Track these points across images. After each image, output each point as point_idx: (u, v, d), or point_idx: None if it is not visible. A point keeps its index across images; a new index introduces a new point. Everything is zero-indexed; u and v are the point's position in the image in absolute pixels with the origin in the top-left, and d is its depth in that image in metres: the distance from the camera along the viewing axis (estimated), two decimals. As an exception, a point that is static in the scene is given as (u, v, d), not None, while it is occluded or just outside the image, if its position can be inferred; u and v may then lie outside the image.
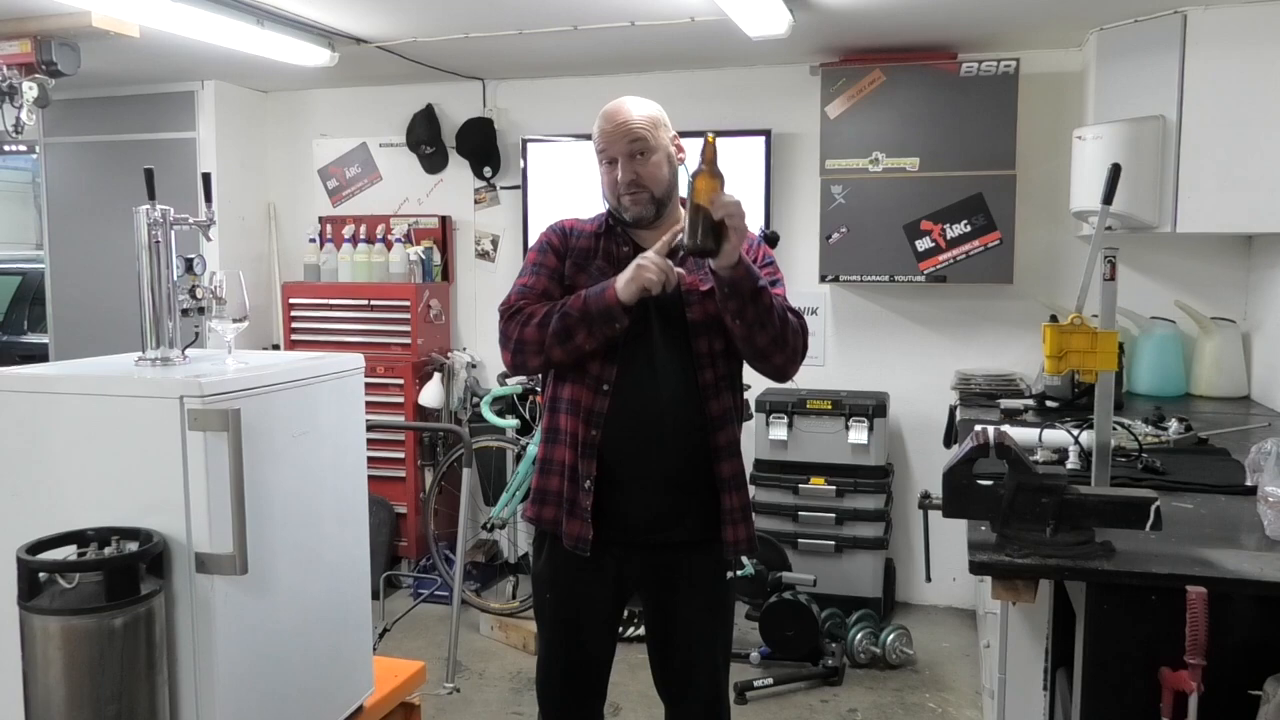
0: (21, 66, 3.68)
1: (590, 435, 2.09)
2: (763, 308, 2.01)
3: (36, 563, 1.62)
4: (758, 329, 2.03)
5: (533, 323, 2.07)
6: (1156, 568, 1.72)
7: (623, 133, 2.10)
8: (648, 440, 2.09)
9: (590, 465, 2.09)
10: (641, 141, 2.09)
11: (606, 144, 2.12)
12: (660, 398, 2.09)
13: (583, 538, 2.10)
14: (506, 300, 2.16)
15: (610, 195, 2.15)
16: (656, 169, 2.11)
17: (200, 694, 1.74)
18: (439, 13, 3.75)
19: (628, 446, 2.09)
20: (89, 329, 5.18)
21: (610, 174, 2.12)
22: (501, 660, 4.00)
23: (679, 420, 2.10)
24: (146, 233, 1.88)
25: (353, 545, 2.16)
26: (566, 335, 2.04)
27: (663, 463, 2.10)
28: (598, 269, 2.13)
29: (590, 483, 2.09)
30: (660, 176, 2.12)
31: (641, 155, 2.09)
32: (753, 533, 2.19)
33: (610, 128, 2.11)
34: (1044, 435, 2.62)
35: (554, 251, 2.19)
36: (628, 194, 2.10)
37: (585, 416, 2.10)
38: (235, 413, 1.69)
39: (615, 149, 2.10)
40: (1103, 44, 3.80)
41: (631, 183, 2.09)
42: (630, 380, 2.09)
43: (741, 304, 2.00)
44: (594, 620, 2.23)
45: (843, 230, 4.26)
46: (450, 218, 5.15)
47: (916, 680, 3.80)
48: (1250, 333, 3.96)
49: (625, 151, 2.09)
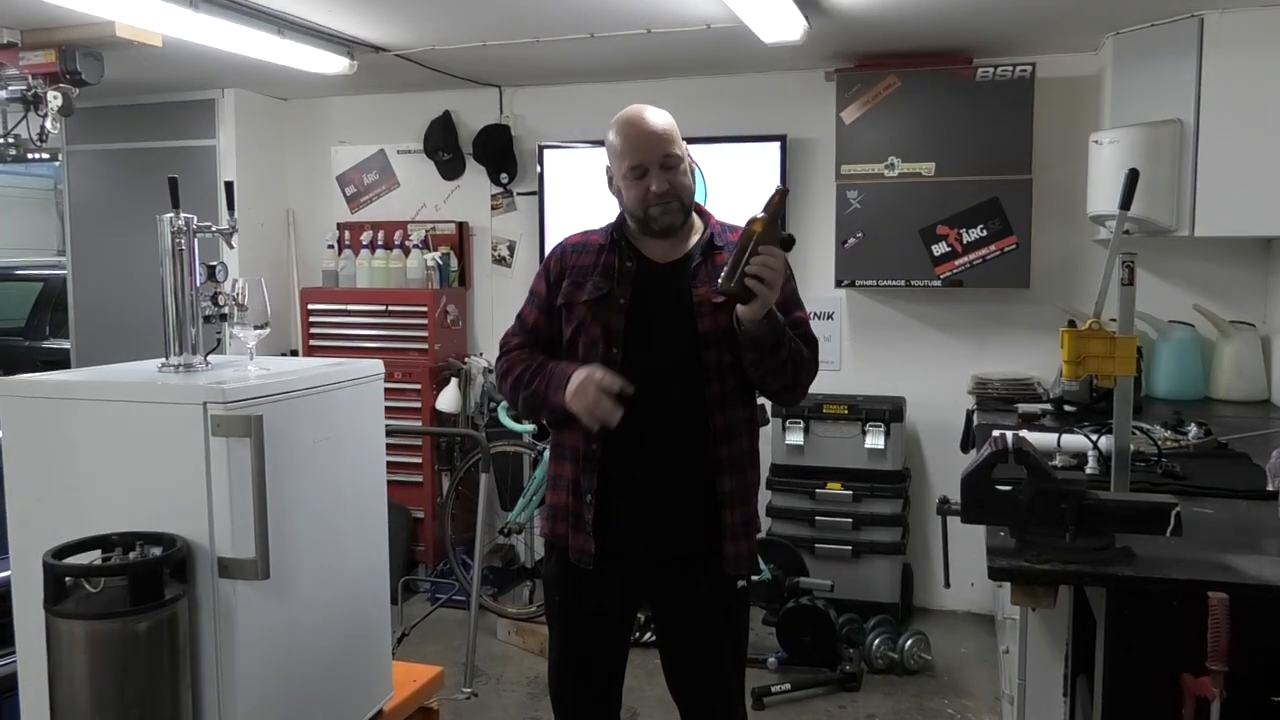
0: (46, 76, 3.73)
1: (591, 449, 2.09)
2: (780, 360, 2.01)
3: (62, 567, 1.63)
4: (770, 376, 2.05)
5: (508, 380, 2.17)
6: (1177, 573, 1.71)
7: (653, 142, 2.06)
8: (647, 453, 2.08)
9: (591, 479, 2.09)
10: (672, 155, 2.07)
11: (640, 156, 2.06)
12: (661, 410, 2.08)
13: (585, 551, 2.10)
14: (506, 332, 2.26)
15: (637, 207, 2.09)
16: (685, 177, 2.11)
17: (222, 697, 1.75)
18: (457, 21, 3.77)
19: (628, 459, 2.08)
20: (110, 335, 5.23)
21: (640, 185, 2.06)
22: (519, 665, 4.01)
23: (679, 433, 2.08)
24: (170, 240, 1.90)
25: (372, 550, 2.17)
26: (533, 412, 2.21)
27: (662, 475, 2.09)
28: (593, 285, 2.12)
29: (592, 496, 2.09)
30: (689, 185, 2.12)
31: (671, 165, 2.07)
32: (754, 549, 2.18)
33: (639, 136, 2.07)
34: (1062, 440, 2.61)
35: (546, 278, 2.21)
36: (659, 204, 2.06)
37: (586, 431, 2.08)
38: (258, 419, 1.70)
39: (648, 159, 2.05)
40: (1119, 48, 3.79)
41: (666, 193, 2.06)
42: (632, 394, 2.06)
43: (759, 355, 2.00)
44: (604, 625, 2.23)
45: (858, 235, 4.25)
46: (467, 223, 5.18)
47: (935, 686, 3.78)
48: (1270, 336, 3.93)
49: (658, 162, 2.06)
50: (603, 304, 2.09)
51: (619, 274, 2.11)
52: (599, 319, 2.09)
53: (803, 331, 2.11)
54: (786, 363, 2.02)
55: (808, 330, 2.13)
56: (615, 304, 2.09)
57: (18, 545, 1.82)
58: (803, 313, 2.15)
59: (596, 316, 2.10)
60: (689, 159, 2.15)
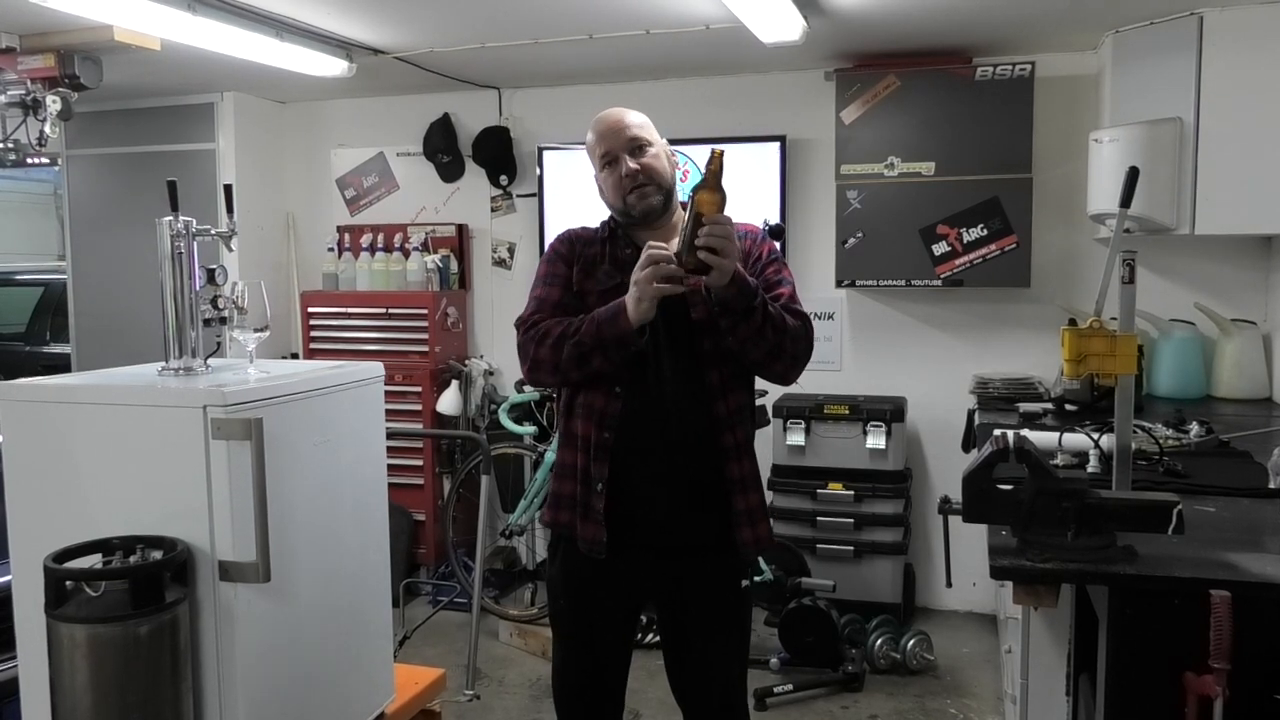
0: (45, 80, 3.72)
1: (603, 438, 2.10)
2: (755, 325, 2.00)
3: (63, 571, 1.63)
4: (750, 344, 2.03)
5: (547, 342, 2.08)
6: (1179, 571, 1.71)
7: (619, 130, 2.14)
8: (656, 441, 2.10)
9: (602, 468, 2.10)
10: (640, 139, 2.13)
11: (607, 146, 2.15)
12: (666, 399, 2.10)
13: (597, 540, 2.10)
14: (523, 314, 2.17)
15: (614, 196, 2.15)
16: (657, 160, 2.14)
17: (224, 701, 1.75)
18: (455, 23, 3.77)
19: (638, 448, 2.10)
20: (110, 339, 5.23)
21: (613, 174, 2.13)
22: (521, 667, 4.01)
23: (685, 421, 2.10)
24: (170, 244, 1.90)
25: (373, 552, 2.17)
26: (583, 361, 2.05)
27: (671, 464, 2.10)
28: (605, 273, 2.15)
29: (602, 485, 2.09)
30: (663, 168, 2.15)
31: (640, 149, 2.13)
32: (770, 532, 2.18)
33: (605, 129, 2.16)
34: (1064, 439, 2.60)
35: (563, 260, 2.21)
36: (634, 189, 2.11)
37: (598, 419, 2.10)
38: (258, 422, 1.70)
39: (615, 147, 2.13)
40: (1118, 46, 3.79)
41: (636, 174, 2.10)
42: (640, 382, 2.10)
43: (734, 321, 2.00)
44: (608, 626, 2.23)
45: (859, 235, 4.25)
46: (467, 226, 5.18)
47: (937, 686, 3.78)
48: (1271, 334, 3.93)
49: (625, 148, 2.12)
50: (614, 293, 2.09)
51: (624, 264, 2.12)
52: None
53: (785, 304, 2.10)
54: (764, 328, 2.01)
55: (791, 303, 2.12)
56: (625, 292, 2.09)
57: (18, 549, 1.82)
58: (786, 289, 2.15)
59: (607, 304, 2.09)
60: (665, 151, 2.19)
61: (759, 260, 2.17)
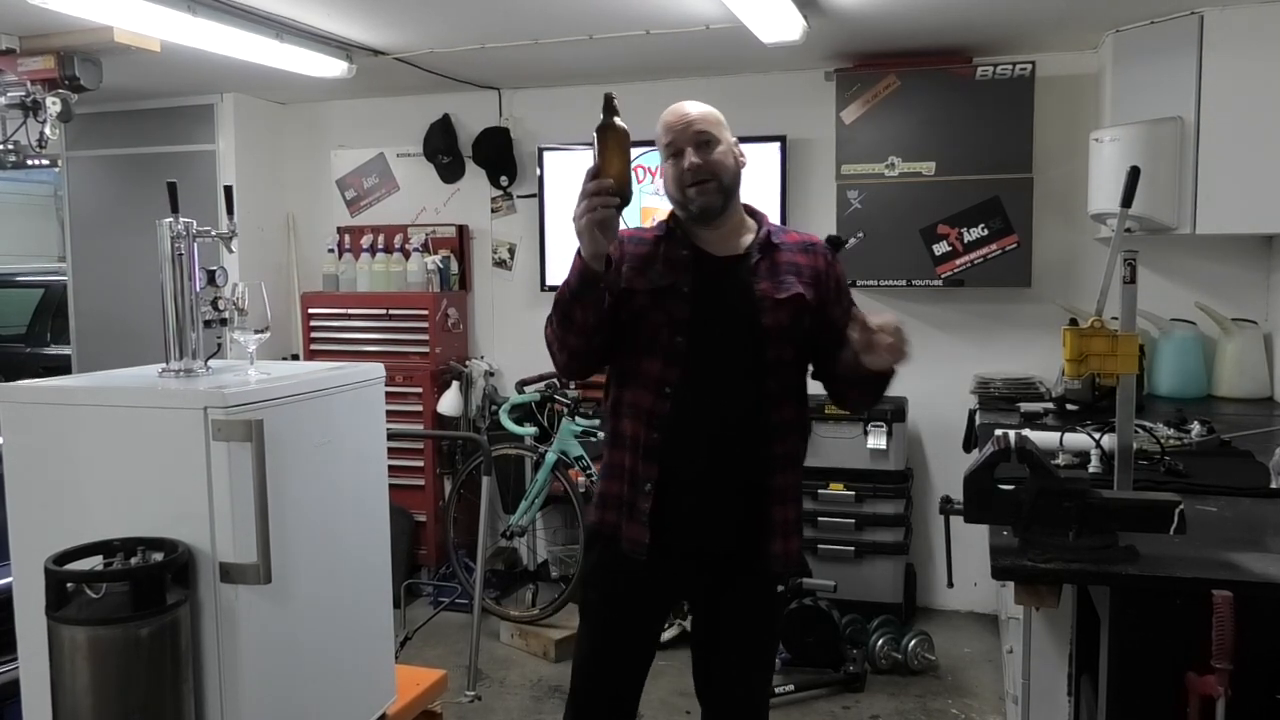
0: (45, 82, 3.72)
1: (652, 438, 2.07)
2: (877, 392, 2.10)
3: (64, 573, 1.63)
4: (863, 395, 2.15)
5: (549, 327, 2.09)
6: (1181, 571, 1.71)
7: (687, 122, 2.12)
8: (706, 445, 2.07)
9: (651, 469, 2.07)
10: (706, 133, 2.11)
11: (671, 137, 2.13)
12: (721, 403, 2.08)
13: (639, 541, 2.07)
14: None
15: (675, 188, 2.13)
16: (722, 158, 2.12)
17: (225, 702, 1.75)
18: (455, 24, 3.77)
19: (687, 450, 2.07)
20: (110, 340, 5.23)
21: (676, 166, 2.11)
22: (522, 668, 4.01)
23: (738, 427, 2.07)
24: (170, 245, 1.90)
25: (374, 553, 2.17)
26: (567, 319, 2.02)
27: (718, 468, 2.08)
28: (657, 273, 2.11)
29: (651, 486, 2.06)
30: (727, 166, 2.12)
31: (706, 145, 2.11)
32: (799, 549, 2.17)
33: (674, 120, 2.14)
34: (1065, 439, 2.60)
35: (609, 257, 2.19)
36: (694, 183, 2.09)
37: (646, 419, 2.07)
38: (258, 423, 1.70)
39: (681, 140, 2.11)
40: (1119, 46, 3.79)
41: (698, 169, 2.08)
42: (692, 384, 2.06)
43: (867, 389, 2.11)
44: (639, 624, 2.21)
45: (859, 235, 4.25)
46: (467, 226, 5.17)
47: (939, 686, 3.78)
48: (1272, 333, 3.92)
49: (691, 142, 2.10)
50: (666, 292, 2.08)
51: (679, 264, 2.11)
52: (662, 305, 2.08)
53: None
54: (880, 393, 2.11)
55: None
56: (679, 292, 2.08)
57: (19, 551, 1.82)
58: None
59: (659, 303, 2.08)
60: (734, 149, 2.16)
61: (836, 284, 2.19)
